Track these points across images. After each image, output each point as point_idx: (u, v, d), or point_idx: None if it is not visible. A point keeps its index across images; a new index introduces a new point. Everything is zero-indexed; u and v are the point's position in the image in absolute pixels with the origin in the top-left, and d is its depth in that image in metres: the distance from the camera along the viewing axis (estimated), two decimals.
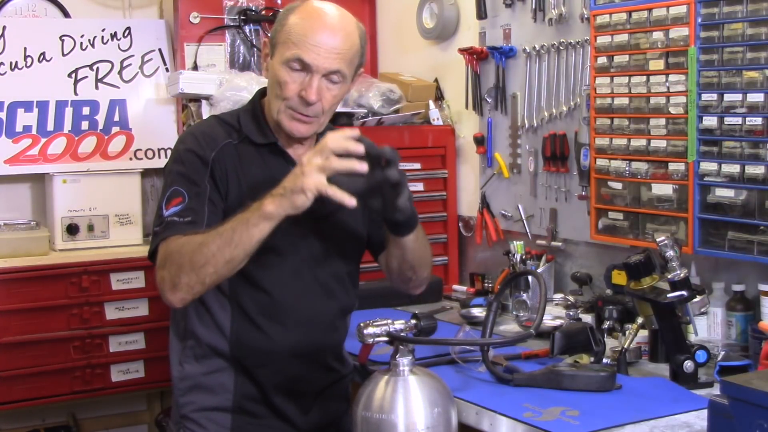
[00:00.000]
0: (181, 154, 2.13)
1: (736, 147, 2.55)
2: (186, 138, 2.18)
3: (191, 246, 1.97)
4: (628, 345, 2.44)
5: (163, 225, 2.05)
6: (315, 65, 2.04)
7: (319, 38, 2.04)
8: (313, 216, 2.10)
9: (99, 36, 4.05)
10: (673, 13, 2.69)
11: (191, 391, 2.19)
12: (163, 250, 2.03)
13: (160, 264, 2.03)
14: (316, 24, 2.06)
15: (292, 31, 2.06)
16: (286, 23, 2.09)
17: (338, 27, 2.08)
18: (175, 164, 2.13)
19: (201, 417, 2.17)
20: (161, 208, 2.07)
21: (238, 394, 2.16)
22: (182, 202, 2.05)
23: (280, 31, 2.10)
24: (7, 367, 3.62)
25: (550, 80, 3.27)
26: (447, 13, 3.74)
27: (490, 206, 3.54)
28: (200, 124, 2.28)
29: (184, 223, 2.03)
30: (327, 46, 2.04)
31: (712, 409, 1.66)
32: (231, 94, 3.59)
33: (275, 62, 2.09)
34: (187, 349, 2.20)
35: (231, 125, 2.19)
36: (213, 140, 2.13)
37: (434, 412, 1.81)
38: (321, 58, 2.04)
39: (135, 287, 3.81)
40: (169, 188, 2.09)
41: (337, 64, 2.06)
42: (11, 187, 4.01)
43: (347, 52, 2.08)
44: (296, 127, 2.11)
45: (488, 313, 2.42)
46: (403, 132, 3.65)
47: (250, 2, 4.09)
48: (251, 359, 2.15)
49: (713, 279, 2.67)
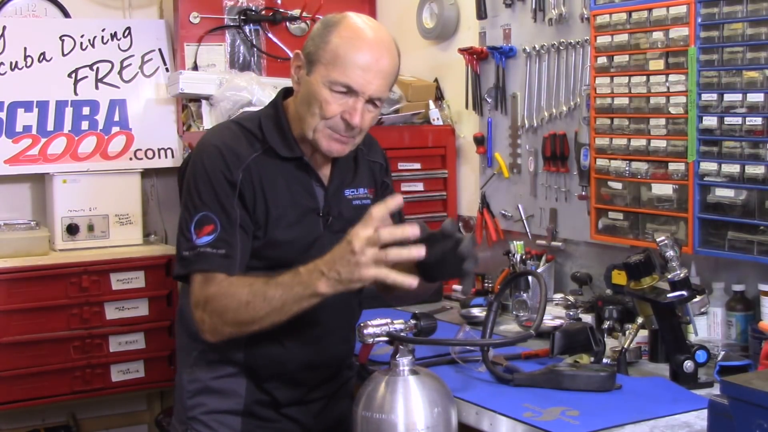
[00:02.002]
0: (209, 172, 2.06)
1: (736, 147, 2.55)
2: (210, 152, 2.08)
3: (235, 303, 1.95)
4: (628, 345, 2.44)
5: (195, 253, 2.02)
6: (362, 92, 2.02)
7: (365, 63, 2.01)
8: (331, 230, 2.11)
9: (99, 36, 4.05)
10: (673, 13, 2.69)
11: (200, 394, 2.17)
12: (200, 289, 2.01)
13: (199, 304, 2.01)
14: (365, 51, 2.02)
15: (337, 54, 2.01)
16: (329, 42, 2.03)
17: (384, 50, 2.05)
18: (203, 183, 2.06)
19: (210, 419, 2.16)
20: (190, 232, 2.03)
21: (249, 399, 2.15)
22: (214, 231, 2.02)
23: (321, 49, 2.03)
24: (7, 367, 3.61)
25: (550, 80, 3.27)
26: (447, 13, 3.74)
27: (490, 206, 3.55)
28: (222, 134, 2.15)
29: (219, 256, 2.01)
30: (373, 71, 2.02)
31: (712, 409, 1.66)
32: (231, 94, 3.60)
33: (316, 80, 2.03)
34: (199, 352, 2.17)
35: (253, 134, 2.12)
36: (237, 157, 2.07)
37: (434, 412, 1.81)
38: (368, 85, 2.02)
39: (135, 287, 3.81)
40: (198, 212, 2.04)
41: (382, 91, 2.05)
42: (11, 187, 4.00)
43: (391, 80, 2.08)
44: (335, 147, 2.08)
45: (488, 313, 2.42)
46: (403, 132, 3.66)
47: (250, 2, 4.09)
48: (265, 370, 2.14)
49: (713, 279, 2.67)
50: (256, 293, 1.94)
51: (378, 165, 2.32)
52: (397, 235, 1.83)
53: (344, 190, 2.20)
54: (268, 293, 1.93)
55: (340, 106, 2.03)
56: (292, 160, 2.12)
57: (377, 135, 2.39)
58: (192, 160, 2.13)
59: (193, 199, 2.06)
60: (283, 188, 2.10)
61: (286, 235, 2.08)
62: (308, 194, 2.14)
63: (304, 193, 2.13)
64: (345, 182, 2.21)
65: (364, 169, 2.27)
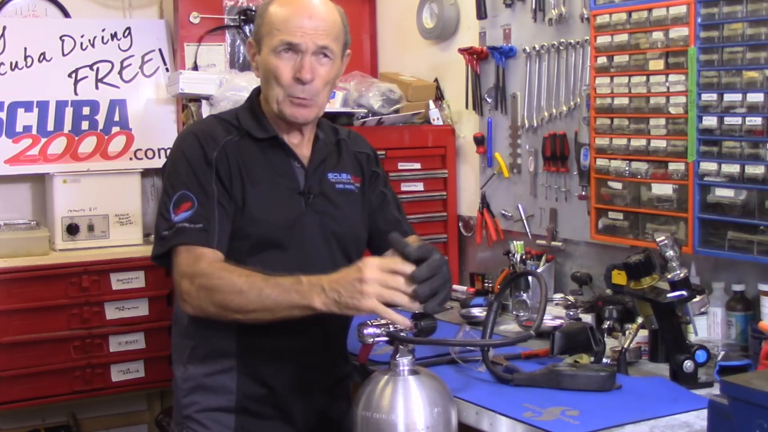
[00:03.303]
0: (186, 154, 2.13)
1: (736, 147, 2.55)
2: (187, 137, 2.18)
3: (229, 287, 1.95)
4: (628, 345, 2.44)
5: (173, 230, 2.05)
6: (304, 44, 2.10)
7: (301, 21, 2.11)
8: (315, 209, 2.12)
9: (99, 36, 4.05)
10: (673, 13, 2.69)
11: (194, 392, 2.18)
12: (188, 261, 2.02)
13: (186, 275, 2.01)
14: (296, 8, 2.13)
15: (274, 21, 2.12)
16: (265, 15, 2.15)
17: (317, 7, 2.15)
18: (179, 165, 2.13)
19: (204, 417, 2.17)
20: (169, 212, 2.07)
21: (241, 395, 2.15)
22: (192, 207, 2.06)
23: (261, 25, 2.16)
24: (7, 367, 3.62)
25: (550, 80, 3.27)
26: (447, 13, 3.74)
27: (490, 206, 3.55)
28: (199, 123, 2.29)
29: (196, 230, 2.04)
30: (311, 25, 2.11)
31: (712, 409, 1.65)
32: (231, 94, 3.60)
33: (264, 55, 2.14)
34: (191, 349, 2.19)
35: (230, 123, 2.20)
36: (213, 139, 2.14)
37: (434, 412, 1.81)
38: (308, 37, 2.10)
39: (135, 287, 3.81)
40: (176, 191, 2.09)
41: (324, 40, 2.12)
42: (11, 187, 4.01)
43: (331, 29, 2.14)
44: (298, 112, 2.14)
45: (488, 314, 2.42)
46: (403, 132, 3.65)
47: (250, 2, 4.09)
48: (258, 359, 2.14)
49: (713, 279, 2.67)
50: (252, 286, 1.94)
51: (365, 155, 2.36)
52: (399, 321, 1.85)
53: (327, 173, 2.24)
54: (264, 290, 1.93)
55: (291, 68, 2.11)
56: (267, 141, 2.18)
57: (378, 135, 2.41)
58: (171, 151, 2.22)
59: (171, 181, 2.13)
60: (261, 168, 2.15)
61: (266, 213, 2.12)
62: (288, 174, 2.18)
63: (284, 173, 2.17)
64: (328, 165, 2.25)
65: (348, 157, 2.32)
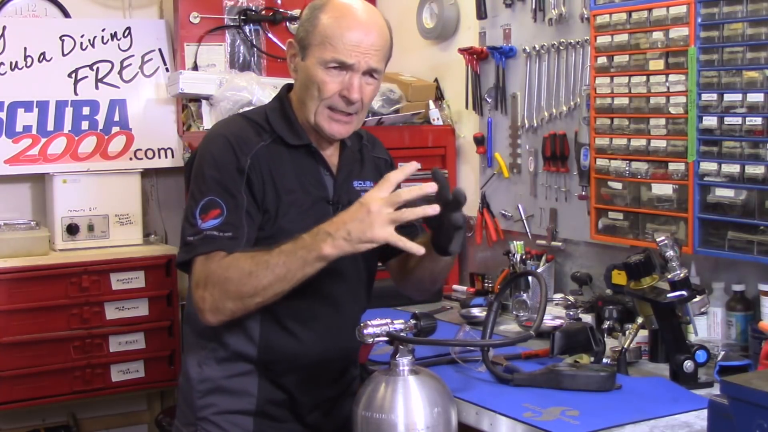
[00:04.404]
0: (216, 158, 2.06)
1: (736, 147, 2.55)
2: (216, 139, 2.10)
3: (238, 273, 1.94)
4: (628, 345, 2.44)
5: (200, 237, 2.00)
6: (356, 65, 2.05)
7: (356, 38, 2.04)
8: None
9: (99, 36, 4.05)
10: (673, 13, 2.69)
11: (211, 394, 2.14)
12: (202, 267, 1.99)
13: (200, 282, 1.99)
14: (351, 23, 2.05)
15: (328, 33, 2.04)
16: (318, 24, 2.06)
17: (372, 24, 2.08)
18: (209, 169, 2.05)
19: (222, 420, 2.13)
20: (195, 217, 2.02)
21: (261, 399, 2.13)
22: (221, 215, 2.01)
23: (312, 33, 2.07)
24: (7, 367, 3.61)
25: (550, 80, 3.27)
26: (447, 13, 3.74)
27: (490, 206, 3.54)
28: (229, 125, 2.18)
29: (225, 239, 1.99)
30: (365, 44, 2.05)
31: (712, 409, 1.66)
32: (231, 94, 3.60)
33: (311, 64, 2.07)
34: (209, 351, 2.14)
35: (260, 125, 2.13)
36: (246, 144, 2.07)
37: (434, 412, 1.81)
38: (361, 57, 2.04)
39: (135, 287, 3.81)
40: (204, 196, 2.03)
41: (376, 62, 2.07)
42: (11, 187, 4.00)
43: (382, 48, 2.09)
44: (336, 128, 2.10)
45: (488, 314, 2.42)
46: (403, 132, 3.65)
47: (250, 2, 4.09)
48: (280, 365, 2.12)
49: (713, 279, 2.67)
50: (259, 262, 1.92)
51: (383, 161, 2.34)
52: (415, 193, 1.87)
53: (353, 181, 2.21)
54: (271, 261, 1.92)
55: (337, 84, 2.06)
56: (300, 148, 2.13)
57: (378, 135, 2.40)
58: (199, 151, 2.13)
59: (199, 186, 2.06)
60: (292, 176, 2.10)
61: (297, 223, 2.05)
62: (318, 182, 2.14)
63: (314, 182, 2.13)
64: (353, 173, 2.22)
65: (369, 164, 2.29)
